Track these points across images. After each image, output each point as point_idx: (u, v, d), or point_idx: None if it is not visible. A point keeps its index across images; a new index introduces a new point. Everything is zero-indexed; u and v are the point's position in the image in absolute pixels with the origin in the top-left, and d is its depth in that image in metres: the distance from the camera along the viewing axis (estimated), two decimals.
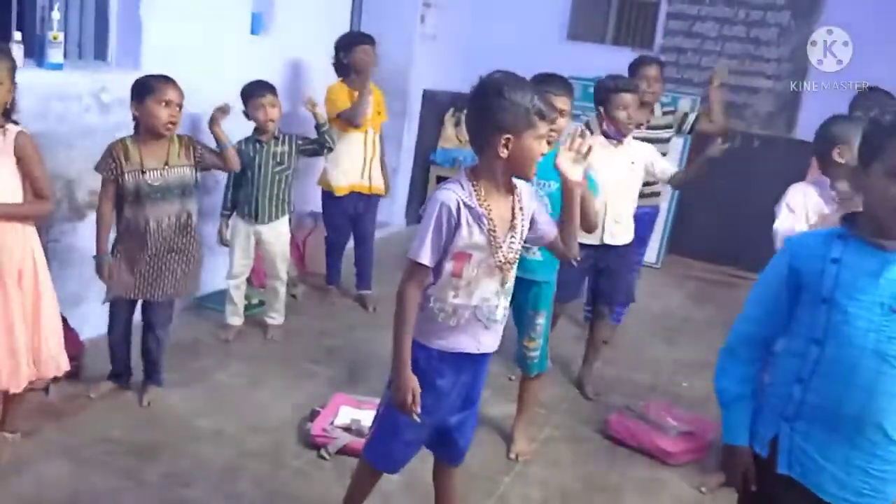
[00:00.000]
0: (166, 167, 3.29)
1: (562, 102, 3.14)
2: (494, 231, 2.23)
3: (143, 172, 3.25)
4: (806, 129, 5.73)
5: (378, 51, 4.69)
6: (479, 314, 2.30)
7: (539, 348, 3.33)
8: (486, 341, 2.36)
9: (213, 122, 3.70)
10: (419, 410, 2.26)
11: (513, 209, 2.28)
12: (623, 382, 4.28)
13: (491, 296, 2.30)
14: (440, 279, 2.25)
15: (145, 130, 3.27)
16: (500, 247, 2.25)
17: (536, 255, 3.16)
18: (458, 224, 2.19)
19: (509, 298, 2.36)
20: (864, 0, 5.53)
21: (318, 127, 4.26)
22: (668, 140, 4.59)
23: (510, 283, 2.34)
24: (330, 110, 4.54)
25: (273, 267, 4.31)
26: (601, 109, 3.79)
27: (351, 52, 4.61)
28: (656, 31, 6.76)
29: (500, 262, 2.26)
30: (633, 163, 3.85)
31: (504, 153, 2.17)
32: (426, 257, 2.19)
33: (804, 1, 6.25)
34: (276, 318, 4.38)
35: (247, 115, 4.11)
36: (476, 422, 2.60)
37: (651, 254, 6.47)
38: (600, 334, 4.14)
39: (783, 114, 6.38)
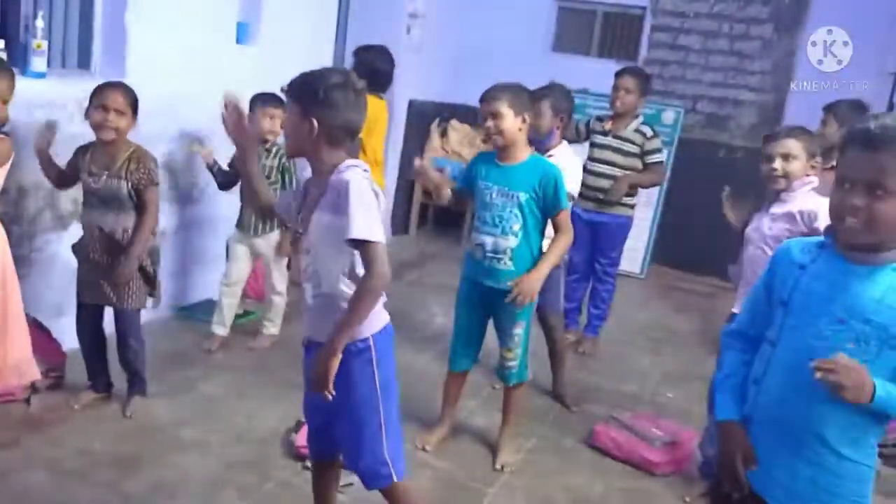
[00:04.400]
0: (107, 175, 3.24)
1: (493, 105, 3.12)
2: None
3: (89, 175, 3.26)
4: None
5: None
6: None
7: (517, 358, 3.33)
8: None
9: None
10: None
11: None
12: (608, 393, 4.29)
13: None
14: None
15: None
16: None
17: (509, 265, 3.17)
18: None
19: (317, 286, 2.27)
20: (846, 14, 5.59)
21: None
22: (630, 155, 4.51)
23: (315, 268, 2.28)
24: None
25: (268, 278, 4.32)
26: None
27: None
28: (641, 44, 6.82)
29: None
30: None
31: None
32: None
33: (787, 15, 6.33)
34: (268, 326, 4.38)
35: None
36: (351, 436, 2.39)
37: (635, 264, 6.51)
38: (559, 345, 4.11)
39: (766, 125, 6.43)
